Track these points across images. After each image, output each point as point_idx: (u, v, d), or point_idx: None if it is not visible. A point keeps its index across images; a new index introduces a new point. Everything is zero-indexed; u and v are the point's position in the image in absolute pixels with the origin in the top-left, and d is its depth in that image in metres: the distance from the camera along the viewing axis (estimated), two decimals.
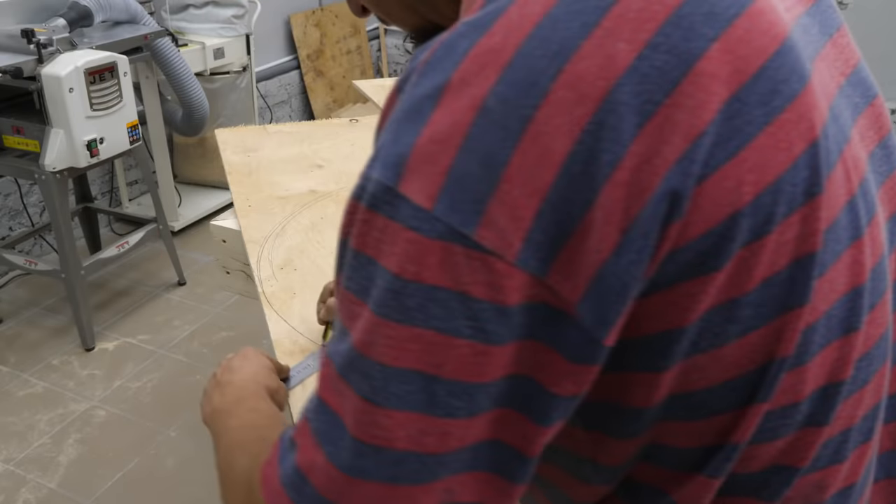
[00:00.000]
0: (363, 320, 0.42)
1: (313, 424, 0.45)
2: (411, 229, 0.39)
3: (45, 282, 2.85)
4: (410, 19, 0.57)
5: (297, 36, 4.31)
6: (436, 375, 0.40)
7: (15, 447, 2.09)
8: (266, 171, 1.49)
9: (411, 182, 0.39)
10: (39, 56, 2.17)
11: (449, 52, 0.40)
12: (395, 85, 0.43)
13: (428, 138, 0.39)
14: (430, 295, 0.39)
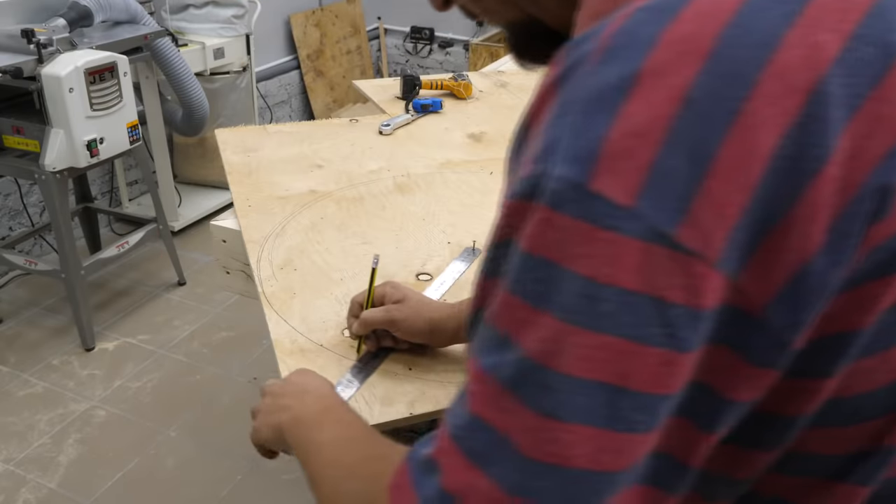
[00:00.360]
0: (543, 328, 0.39)
1: (467, 444, 0.41)
2: (607, 229, 0.36)
3: (45, 282, 2.85)
4: (508, 12, 0.54)
5: (297, 36, 4.31)
6: (622, 387, 0.38)
7: (15, 447, 2.09)
8: (266, 171, 1.49)
9: (606, 178, 0.36)
10: (39, 56, 2.17)
11: (632, 40, 0.38)
12: (552, 77, 0.41)
13: (623, 131, 0.36)
14: (623, 300, 0.37)
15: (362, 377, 0.89)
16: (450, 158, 1.60)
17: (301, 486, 1.96)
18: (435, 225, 1.29)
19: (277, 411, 0.68)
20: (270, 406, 0.71)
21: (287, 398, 0.69)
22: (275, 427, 0.68)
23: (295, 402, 0.67)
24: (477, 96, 2.05)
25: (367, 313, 0.89)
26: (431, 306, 0.90)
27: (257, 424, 0.71)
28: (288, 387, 0.72)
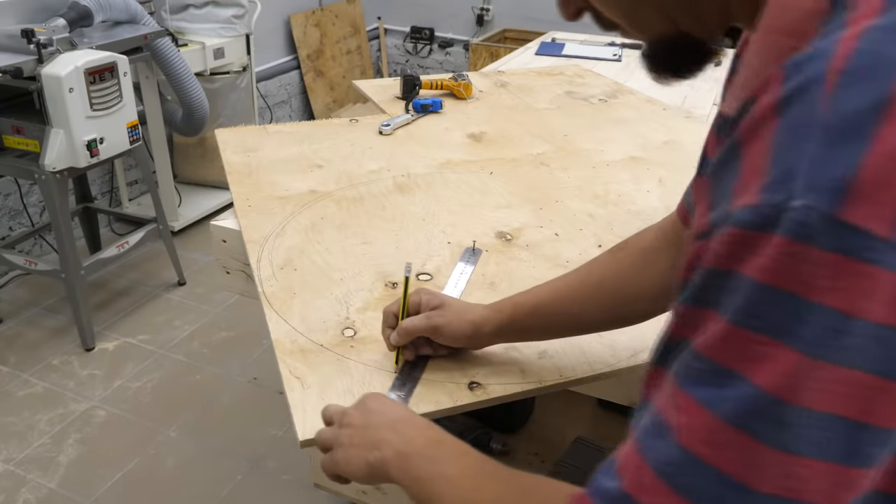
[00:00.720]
0: (782, 362, 0.38)
1: (678, 481, 0.40)
2: (865, 262, 0.35)
3: (45, 282, 2.85)
4: (659, 26, 0.53)
5: (297, 36, 4.31)
6: (863, 422, 0.37)
7: (15, 447, 2.09)
8: (266, 171, 1.49)
9: (863, 209, 0.35)
10: (39, 56, 2.17)
11: (878, 62, 0.37)
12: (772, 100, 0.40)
13: (880, 159, 0.35)
14: (874, 333, 0.36)
15: (408, 389, 0.88)
16: (450, 158, 1.60)
17: (301, 486, 1.97)
18: (435, 225, 1.29)
19: (372, 447, 0.65)
20: (357, 440, 0.68)
21: (380, 431, 0.66)
22: (371, 463, 0.65)
23: (392, 436, 0.65)
24: (477, 96, 2.05)
25: (407, 322, 0.87)
26: (471, 310, 0.89)
27: (341, 457, 0.68)
28: (372, 417, 0.69)
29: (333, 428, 0.72)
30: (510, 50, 3.42)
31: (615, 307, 0.86)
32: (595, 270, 0.87)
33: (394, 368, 0.91)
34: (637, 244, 0.87)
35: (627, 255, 0.86)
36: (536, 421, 1.80)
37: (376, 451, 0.65)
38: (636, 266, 0.84)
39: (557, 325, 0.88)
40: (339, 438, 0.69)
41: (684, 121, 1.93)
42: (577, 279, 0.87)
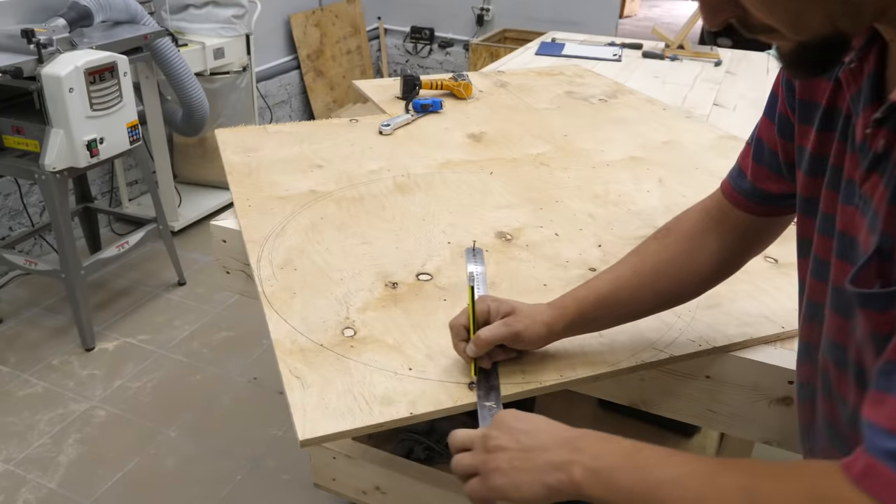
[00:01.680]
0: None
1: None
2: None
3: (45, 282, 2.85)
4: (820, 27, 0.54)
5: (297, 36, 4.31)
6: None
7: (15, 447, 2.09)
8: (266, 171, 1.49)
9: None
10: (39, 56, 2.17)
11: None
12: None
13: None
14: None
15: (495, 397, 0.87)
16: (450, 158, 1.60)
17: (301, 486, 1.97)
18: (435, 225, 1.29)
19: (551, 469, 0.64)
20: (521, 463, 0.66)
21: (553, 452, 0.65)
22: (552, 485, 0.64)
23: (575, 455, 0.64)
24: (477, 96, 2.05)
25: (486, 332, 0.87)
26: (539, 311, 0.89)
27: (505, 483, 0.67)
28: (529, 439, 0.68)
29: (476, 454, 0.70)
30: (510, 50, 3.42)
31: (668, 291, 0.90)
32: (647, 259, 0.90)
33: (471, 379, 0.89)
34: (683, 229, 0.90)
35: (676, 240, 0.89)
36: None
37: (558, 473, 0.64)
38: (686, 251, 0.88)
39: (617, 315, 0.92)
40: (492, 464, 0.68)
41: (684, 121, 1.93)
42: (630, 269, 0.90)
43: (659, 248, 0.90)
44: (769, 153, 0.79)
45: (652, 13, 8.74)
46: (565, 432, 0.67)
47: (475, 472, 0.69)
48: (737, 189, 0.84)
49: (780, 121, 0.76)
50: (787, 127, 0.75)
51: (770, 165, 0.80)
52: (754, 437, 1.01)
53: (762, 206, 0.83)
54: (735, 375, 0.97)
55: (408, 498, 1.55)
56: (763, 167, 0.80)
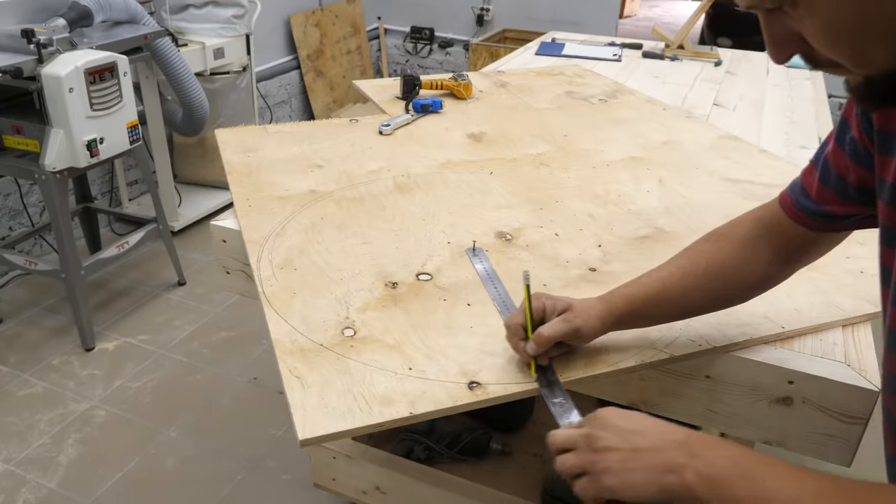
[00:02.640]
0: None
1: None
2: None
3: (45, 282, 2.85)
4: (885, 61, 0.55)
5: (297, 36, 4.32)
6: None
7: (15, 447, 2.09)
8: (266, 171, 1.49)
9: None
10: (39, 56, 2.17)
11: None
12: None
13: None
14: None
15: (560, 393, 0.88)
16: (450, 158, 1.60)
17: (301, 486, 1.97)
18: (435, 225, 1.29)
19: (664, 471, 0.65)
20: (633, 464, 0.67)
21: (667, 454, 0.66)
22: (666, 487, 0.65)
23: (689, 460, 0.65)
24: (477, 96, 2.05)
25: (547, 329, 0.88)
26: (591, 306, 0.91)
27: (616, 483, 0.67)
28: (639, 439, 0.68)
29: (582, 454, 0.71)
30: (510, 50, 3.42)
31: (716, 295, 0.92)
32: (700, 260, 0.91)
33: (533, 378, 0.90)
34: (736, 234, 0.91)
35: (729, 244, 0.91)
36: (536, 421, 1.80)
37: (671, 475, 0.65)
38: (738, 257, 0.89)
39: (665, 313, 0.94)
40: (601, 464, 0.69)
41: (684, 121, 1.93)
42: (681, 269, 0.92)
43: (711, 251, 0.91)
44: (836, 177, 0.80)
45: (652, 13, 8.74)
46: (676, 434, 0.68)
47: (583, 472, 0.70)
48: (798, 206, 0.85)
49: (853, 148, 0.77)
50: (864, 155, 0.76)
51: (836, 189, 0.81)
52: (754, 437, 1.01)
53: (822, 224, 0.85)
54: (735, 375, 0.97)
55: (408, 498, 1.55)
56: (829, 190, 0.81)
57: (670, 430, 0.69)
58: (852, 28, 0.54)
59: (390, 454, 1.60)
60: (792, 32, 0.58)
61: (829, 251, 0.90)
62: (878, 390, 0.91)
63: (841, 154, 0.79)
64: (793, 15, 0.56)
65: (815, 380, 0.93)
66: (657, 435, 0.68)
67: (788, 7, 0.56)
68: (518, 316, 0.91)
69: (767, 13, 0.59)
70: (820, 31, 0.55)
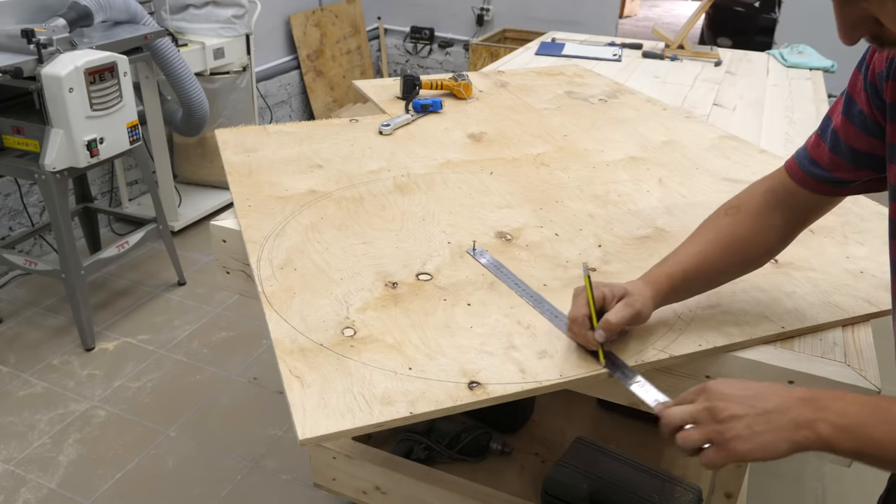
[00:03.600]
0: None
1: None
2: None
3: (45, 282, 2.85)
4: None
5: (297, 36, 4.32)
6: None
7: (15, 447, 2.09)
8: (266, 171, 1.49)
9: None
10: (39, 56, 2.17)
11: None
12: None
13: None
14: None
15: (632, 374, 0.91)
16: (450, 158, 1.60)
17: (301, 486, 1.97)
18: (435, 225, 1.29)
19: (796, 428, 0.70)
20: (763, 426, 0.71)
21: (795, 411, 0.70)
22: (799, 442, 0.70)
23: (820, 413, 0.69)
24: (477, 96, 2.05)
25: (613, 317, 0.91)
26: (644, 287, 0.96)
27: (749, 447, 0.71)
28: (763, 403, 0.72)
29: (705, 426, 0.74)
30: (510, 50, 3.42)
31: (740, 263, 1.01)
32: (723, 234, 0.99)
33: (602, 364, 0.93)
34: (751, 206, 0.99)
35: (746, 216, 0.99)
36: (536, 421, 1.80)
37: (804, 431, 0.69)
38: (756, 227, 0.98)
39: (698, 287, 1.01)
40: (730, 433, 0.72)
41: (684, 121, 1.93)
42: (710, 244, 0.98)
43: (733, 224, 0.98)
44: (846, 147, 0.89)
45: (652, 13, 8.74)
46: (795, 392, 0.73)
47: (709, 443, 0.74)
48: (809, 174, 0.94)
49: (862, 121, 0.87)
50: (872, 126, 0.86)
51: (847, 157, 0.90)
52: None
53: (831, 188, 0.94)
54: (735, 375, 0.97)
55: (408, 498, 1.55)
56: (840, 158, 0.90)
57: (787, 389, 0.74)
58: None
59: (390, 454, 1.60)
60: (866, 16, 0.64)
61: (829, 211, 1.00)
62: (878, 390, 0.91)
63: (850, 126, 0.88)
64: (873, 1, 0.62)
65: (815, 380, 0.93)
66: (778, 396, 0.73)
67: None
68: (581, 308, 0.94)
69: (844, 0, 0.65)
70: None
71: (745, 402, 0.73)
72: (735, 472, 1.31)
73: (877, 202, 1.44)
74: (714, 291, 1.06)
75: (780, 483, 2.04)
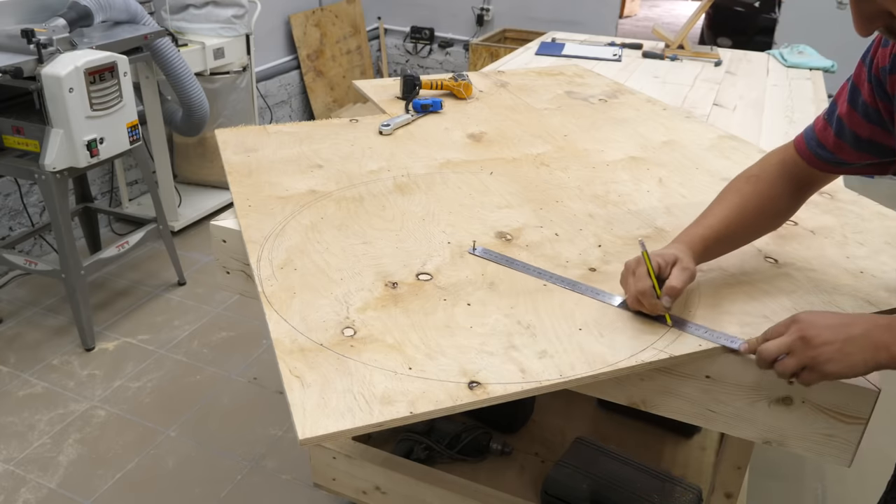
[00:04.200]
0: None
1: None
2: None
3: (45, 282, 2.85)
4: None
5: (297, 36, 4.32)
6: None
7: (15, 447, 2.09)
8: (266, 171, 1.49)
9: None
10: (39, 56, 2.17)
11: None
12: None
13: None
14: None
15: (696, 327, 0.99)
16: (450, 158, 1.60)
17: (301, 486, 1.97)
18: (435, 225, 1.29)
19: (877, 349, 0.81)
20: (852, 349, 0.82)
21: (877, 333, 0.82)
22: (881, 361, 0.81)
23: (888, 336, 0.81)
24: (477, 96, 2.05)
25: (676, 282, 0.98)
26: (685, 250, 1.04)
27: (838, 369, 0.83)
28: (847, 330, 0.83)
29: (800, 353, 0.85)
30: (510, 50, 3.42)
31: (759, 226, 1.12)
32: (746, 199, 1.08)
33: (669, 326, 1.00)
34: (768, 174, 1.10)
35: (764, 184, 1.09)
36: (536, 421, 1.80)
37: (883, 352, 0.81)
38: (771, 194, 1.09)
39: (725, 248, 1.10)
40: (823, 356, 0.83)
41: (684, 121, 1.93)
42: (735, 208, 1.08)
43: (753, 191, 1.09)
44: (850, 133, 0.99)
45: (652, 13, 8.74)
46: (879, 320, 0.83)
47: (803, 367, 0.85)
48: (815, 155, 1.05)
49: (864, 110, 0.96)
50: (874, 115, 0.95)
51: (850, 142, 1.00)
52: (754, 437, 1.01)
53: (834, 167, 1.05)
54: (735, 375, 0.97)
55: (408, 498, 1.55)
56: (844, 143, 1.00)
57: (870, 317, 0.84)
58: None
59: (390, 454, 1.60)
60: (881, 10, 0.71)
61: (830, 183, 1.12)
62: (878, 390, 0.91)
63: (854, 114, 0.97)
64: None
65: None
66: (864, 322, 0.84)
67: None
68: (642, 280, 1.00)
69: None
70: None
71: (835, 329, 0.83)
72: (735, 473, 1.31)
73: (877, 202, 1.44)
74: (714, 291, 1.07)
75: (780, 483, 2.04)
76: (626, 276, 1.04)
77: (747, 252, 1.22)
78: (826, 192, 1.46)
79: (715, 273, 1.15)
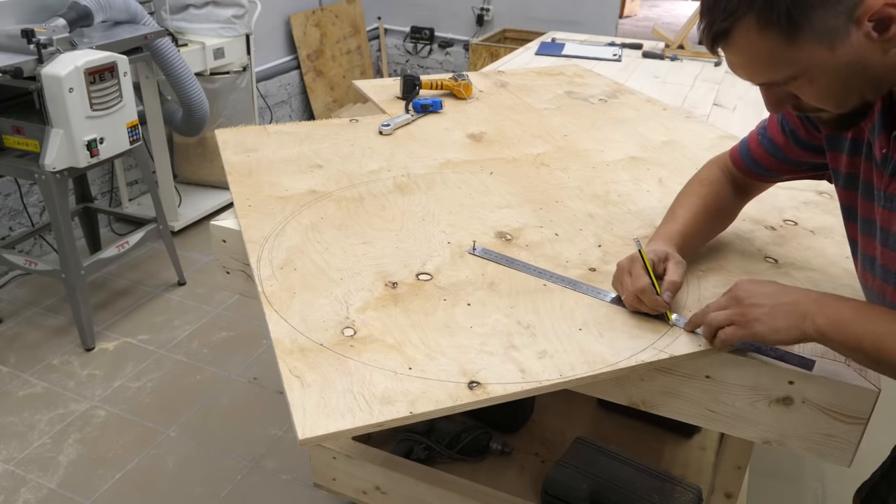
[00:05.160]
0: None
1: None
2: None
3: (45, 282, 2.85)
4: (856, 103, 0.78)
5: (297, 36, 4.32)
6: None
7: (15, 447, 2.09)
8: (266, 171, 1.49)
9: None
10: (39, 56, 2.17)
11: None
12: None
13: None
14: None
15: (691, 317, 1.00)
16: (450, 158, 1.60)
17: (301, 486, 1.97)
18: (435, 225, 1.29)
19: (801, 318, 0.85)
20: (779, 313, 0.86)
21: (803, 306, 0.85)
22: (804, 330, 0.84)
23: (819, 309, 0.84)
24: (477, 96, 2.05)
25: (676, 277, 1.02)
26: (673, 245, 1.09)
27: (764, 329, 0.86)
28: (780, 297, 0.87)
29: (733, 310, 0.90)
30: (510, 50, 3.42)
31: (717, 225, 1.20)
32: (706, 200, 1.16)
33: (671, 322, 1.01)
34: (717, 179, 1.18)
35: (716, 187, 1.17)
36: (536, 421, 1.80)
37: (807, 321, 0.84)
38: (723, 195, 1.17)
39: (696, 245, 1.17)
40: (751, 315, 0.88)
41: (684, 121, 1.93)
42: (695, 208, 1.15)
43: (709, 193, 1.17)
44: (780, 152, 1.07)
45: (652, 13, 8.74)
46: (810, 294, 0.87)
47: (731, 323, 0.90)
48: (747, 166, 1.14)
49: (795, 138, 1.03)
50: (805, 143, 1.02)
51: (779, 159, 1.08)
52: (754, 437, 1.01)
53: (764, 178, 1.14)
54: (735, 375, 0.97)
55: (408, 498, 1.55)
56: (774, 159, 1.09)
57: (804, 290, 0.89)
58: (839, 90, 0.77)
59: (390, 454, 1.60)
60: (788, 95, 0.80)
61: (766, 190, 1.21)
62: (878, 390, 0.91)
63: (784, 138, 1.05)
64: (793, 85, 0.78)
65: (815, 380, 0.93)
66: (796, 293, 0.88)
67: (792, 83, 0.78)
68: (642, 278, 1.01)
69: (770, 84, 0.80)
70: (816, 94, 0.78)
71: (769, 294, 0.88)
72: (735, 473, 1.31)
73: None
74: (714, 291, 1.08)
75: (780, 483, 2.04)
76: (622, 276, 1.04)
77: (747, 252, 1.22)
78: (826, 193, 1.46)
79: (715, 273, 1.15)
